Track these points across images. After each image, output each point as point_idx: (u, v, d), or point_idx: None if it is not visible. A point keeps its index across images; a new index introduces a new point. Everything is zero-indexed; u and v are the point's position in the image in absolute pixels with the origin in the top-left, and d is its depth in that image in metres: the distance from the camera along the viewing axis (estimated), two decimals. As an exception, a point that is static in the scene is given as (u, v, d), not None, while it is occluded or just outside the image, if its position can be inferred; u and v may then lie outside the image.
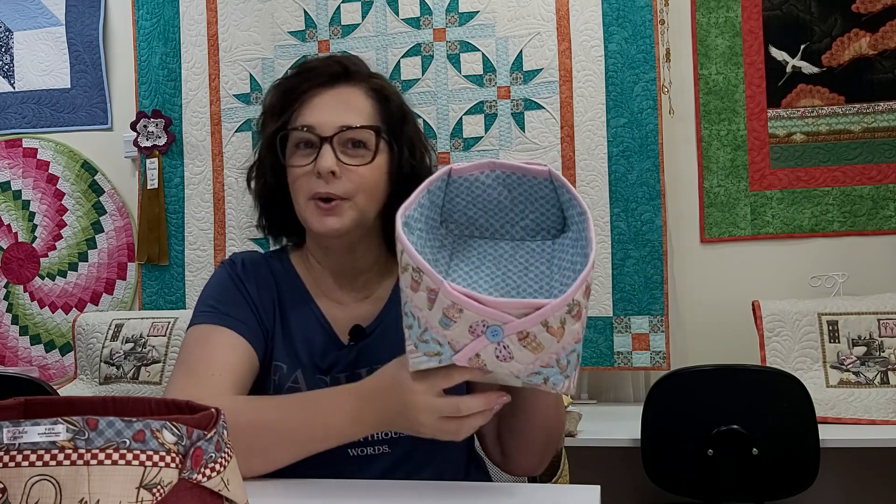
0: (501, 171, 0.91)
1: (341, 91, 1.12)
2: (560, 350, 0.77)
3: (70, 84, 3.00)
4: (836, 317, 2.20)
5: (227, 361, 1.05)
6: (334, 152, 1.07)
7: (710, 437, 1.88)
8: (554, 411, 1.08)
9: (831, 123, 2.46)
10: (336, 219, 1.07)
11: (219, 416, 0.58)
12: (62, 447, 0.50)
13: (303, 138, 1.09)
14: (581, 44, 2.49)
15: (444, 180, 0.92)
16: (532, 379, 0.78)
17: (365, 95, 1.13)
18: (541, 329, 0.75)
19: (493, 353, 0.77)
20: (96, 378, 2.56)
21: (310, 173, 1.08)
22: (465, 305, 0.76)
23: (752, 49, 2.50)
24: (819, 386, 2.11)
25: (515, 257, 0.95)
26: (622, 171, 2.46)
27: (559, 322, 0.75)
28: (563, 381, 0.78)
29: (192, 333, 1.09)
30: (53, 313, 2.97)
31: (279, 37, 2.71)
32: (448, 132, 2.57)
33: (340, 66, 1.13)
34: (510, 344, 0.76)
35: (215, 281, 1.15)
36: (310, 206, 1.09)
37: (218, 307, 1.10)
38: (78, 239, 2.97)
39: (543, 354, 0.76)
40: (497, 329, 0.76)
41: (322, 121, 1.08)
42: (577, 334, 0.78)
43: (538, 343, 0.76)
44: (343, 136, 1.08)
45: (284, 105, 1.13)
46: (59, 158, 2.99)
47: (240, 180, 2.70)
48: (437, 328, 0.79)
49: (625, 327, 2.43)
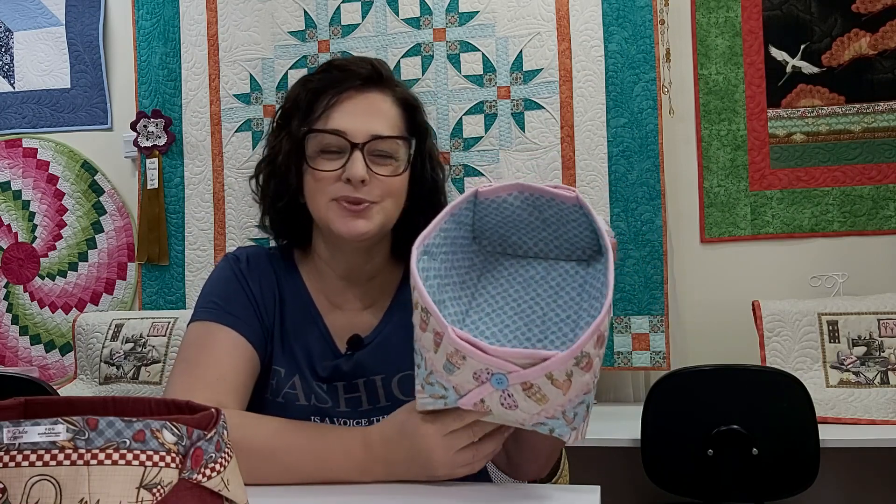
0: (529, 194, 0.87)
1: (373, 97, 1.09)
2: (566, 402, 0.74)
3: (70, 84, 3.00)
4: (836, 317, 2.20)
5: (228, 363, 1.04)
6: (365, 160, 1.05)
7: (710, 437, 1.88)
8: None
9: (831, 123, 2.46)
10: (365, 221, 1.06)
11: (219, 417, 0.58)
12: (62, 447, 0.50)
13: (331, 142, 1.06)
14: (581, 44, 2.49)
15: (472, 202, 0.89)
16: (538, 429, 0.77)
17: (394, 104, 1.11)
18: (545, 381, 0.73)
19: (499, 400, 0.75)
20: (96, 378, 2.56)
21: (335, 177, 1.05)
22: (468, 353, 0.74)
23: (752, 49, 2.50)
24: (819, 386, 2.11)
25: (547, 279, 0.92)
26: (622, 171, 2.46)
27: (565, 375, 0.73)
28: (570, 433, 0.76)
29: (194, 330, 1.08)
30: (53, 313, 2.97)
31: (279, 37, 2.71)
32: (448, 132, 2.58)
33: (373, 70, 1.11)
34: (514, 393, 0.74)
35: (218, 276, 1.13)
36: (333, 207, 1.06)
37: (220, 304, 1.09)
38: (78, 239, 2.97)
39: (549, 406, 0.74)
40: (502, 377, 0.73)
41: (354, 127, 1.06)
42: (587, 386, 0.75)
43: (542, 395, 0.74)
44: (373, 146, 1.06)
45: (311, 103, 1.10)
46: (59, 158, 2.99)
47: (240, 180, 2.70)
48: (442, 373, 0.78)
49: (625, 327, 2.43)
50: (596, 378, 0.77)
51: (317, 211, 1.09)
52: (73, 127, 2.99)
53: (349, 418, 1.07)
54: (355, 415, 1.08)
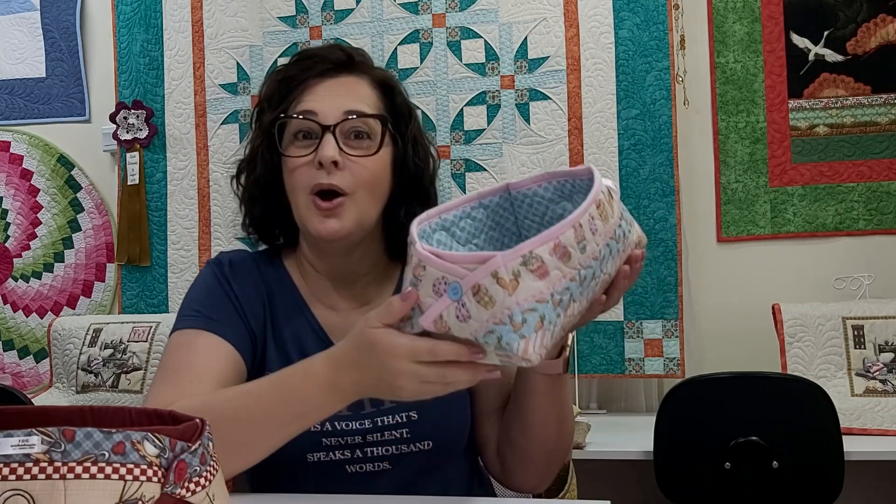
0: (557, 182, 0.93)
1: (345, 80, 1.12)
2: (514, 305, 0.77)
3: (45, 73, 3.00)
4: (862, 321, 2.20)
5: (211, 367, 1.04)
6: (337, 142, 1.06)
7: (727, 450, 1.88)
8: (556, 426, 1.09)
9: (856, 115, 2.46)
10: (336, 220, 1.06)
11: (203, 427, 0.58)
12: (37, 460, 0.50)
13: (302, 127, 1.08)
14: (590, 30, 2.49)
15: (505, 198, 0.94)
16: (487, 340, 0.79)
17: (370, 85, 1.13)
18: (491, 281, 0.77)
19: (455, 313, 0.79)
20: (73, 386, 2.56)
21: (309, 164, 1.07)
22: (427, 262, 0.80)
23: (772, 35, 2.50)
24: (843, 395, 2.11)
25: None
26: (634, 165, 2.46)
27: (511, 274, 0.77)
28: (517, 340, 0.77)
29: (175, 339, 1.09)
30: (27, 317, 2.97)
31: (268, 23, 2.71)
32: (448, 124, 2.58)
33: (344, 54, 1.13)
34: (467, 301, 0.78)
35: (200, 282, 1.15)
36: (309, 206, 1.07)
37: (202, 311, 1.10)
38: (53, 238, 2.97)
39: (496, 310, 0.77)
40: (457, 286, 0.78)
41: (324, 107, 1.08)
42: (540, 293, 0.78)
43: (490, 297, 0.77)
44: (346, 126, 1.07)
45: (283, 94, 1.12)
46: (33, 152, 2.99)
47: (226, 175, 2.70)
48: (408, 289, 0.83)
49: (636, 332, 2.44)
50: (555, 293, 0.79)
51: (296, 210, 1.11)
52: (48, 119, 2.99)
53: (352, 421, 1.08)
54: (358, 417, 1.08)
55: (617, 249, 0.87)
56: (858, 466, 1.97)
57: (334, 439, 1.07)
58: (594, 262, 0.83)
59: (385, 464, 1.09)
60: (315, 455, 1.07)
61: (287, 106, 1.11)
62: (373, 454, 1.08)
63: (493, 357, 0.82)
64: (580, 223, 0.81)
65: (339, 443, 1.07)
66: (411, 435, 1.09)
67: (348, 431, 1.07)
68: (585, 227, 0.81)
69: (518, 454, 1.11)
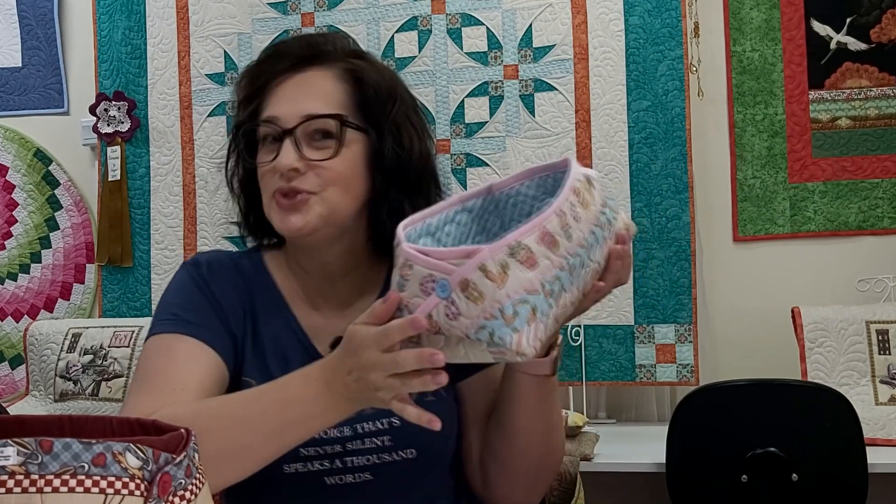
0: (539, 178, 0.96)
1: (308, 76, 1.12)
2: (504, 298, 0.79)
3: (21, 62, 3.00)
4: (887, 325, 2.20)
5: (190, 373, 1.04)
6: (297, 146, 1.07)
7: (744, 462, 1.88)
8: (543, 436, 1.09)
9: (881, 107, 2.46)
10: (299, 216, 1.07)
11: (189, 438, 0.58)
12: (12, 472, 0.50)
13: (269, 131, 1.10)
14: (598, 17, 2.49)
15: (489, 200, 0.97)
16: (480, 336, 0.81)
17: (335, 78, 1.12)
18: (479, 275, 0.79)
19: (444, 312, 0.82)
20: (51, 394, 2.56)
21: (274, 170, 1.08)
22: (413, 260, 0.83)
23: (791, 22, 2.50)
24: (867, 403, 2.11)
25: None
26: (645, 160, 2.46)
27: (499, 266, 0.80)
28: (510, 334, 0.80)
29: (152, 344, 1.09)
30: (2, 321, 2.97)
31: (257, 9, 2.71)
32: (448, 116, 2.58)
33: (308, 48, 1.14)
34: (456, 298, 0.81)
35: (176, 285, 1.15)
36: (271, 205, 1.10)
37: (180, 314, 1.10)
38: (30, 237, 2.97)
39: (486, 304, 0.80)
40: (445, 283, 0.81)
41: (284, 111, 1.09)
42: (530, 284, 0.81)
43: (479, 292, 0.80)
44: (309, 127, 1.08)
45: (252, 93, 1.15)
46: (8, 146, 2.99)
47: (213, 171, 2.70)
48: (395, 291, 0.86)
49: (648, 337, 2.44)
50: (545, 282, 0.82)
51: (265, 209, 1.12)
52: (24, 111, 2.99)
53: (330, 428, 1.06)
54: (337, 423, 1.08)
55: (603, 237, 0.91)
56: (883, 479, 1.97)
57: (312, 449, 1.07)
58: (581, 250, 0.86)
59: (366, 474, 1.08)
60: (292, 466, 1.07)
61: (255, 107, 1.13)
62: (353, 464, 1.08)
63: (486, 355, 0.83)
64: (563, 210, 0.85)
65: (318, 452, 1.07)
66: (394, 442, 1.08)
67: (327, 440, 1.06)
68: (568, 214, 0.85)
69: (501, 466, 1.11)
